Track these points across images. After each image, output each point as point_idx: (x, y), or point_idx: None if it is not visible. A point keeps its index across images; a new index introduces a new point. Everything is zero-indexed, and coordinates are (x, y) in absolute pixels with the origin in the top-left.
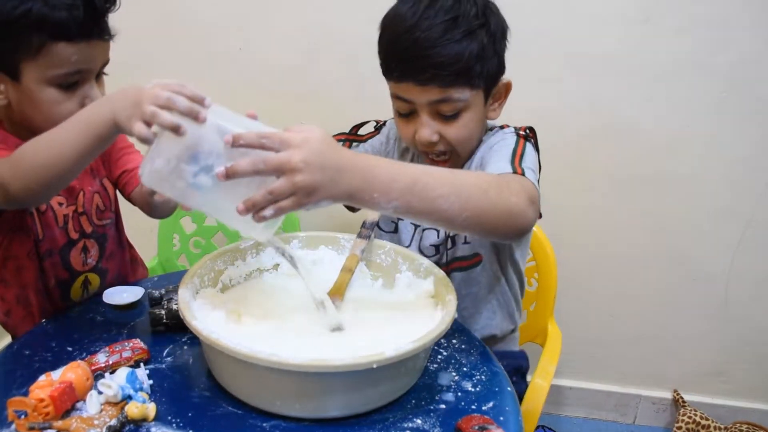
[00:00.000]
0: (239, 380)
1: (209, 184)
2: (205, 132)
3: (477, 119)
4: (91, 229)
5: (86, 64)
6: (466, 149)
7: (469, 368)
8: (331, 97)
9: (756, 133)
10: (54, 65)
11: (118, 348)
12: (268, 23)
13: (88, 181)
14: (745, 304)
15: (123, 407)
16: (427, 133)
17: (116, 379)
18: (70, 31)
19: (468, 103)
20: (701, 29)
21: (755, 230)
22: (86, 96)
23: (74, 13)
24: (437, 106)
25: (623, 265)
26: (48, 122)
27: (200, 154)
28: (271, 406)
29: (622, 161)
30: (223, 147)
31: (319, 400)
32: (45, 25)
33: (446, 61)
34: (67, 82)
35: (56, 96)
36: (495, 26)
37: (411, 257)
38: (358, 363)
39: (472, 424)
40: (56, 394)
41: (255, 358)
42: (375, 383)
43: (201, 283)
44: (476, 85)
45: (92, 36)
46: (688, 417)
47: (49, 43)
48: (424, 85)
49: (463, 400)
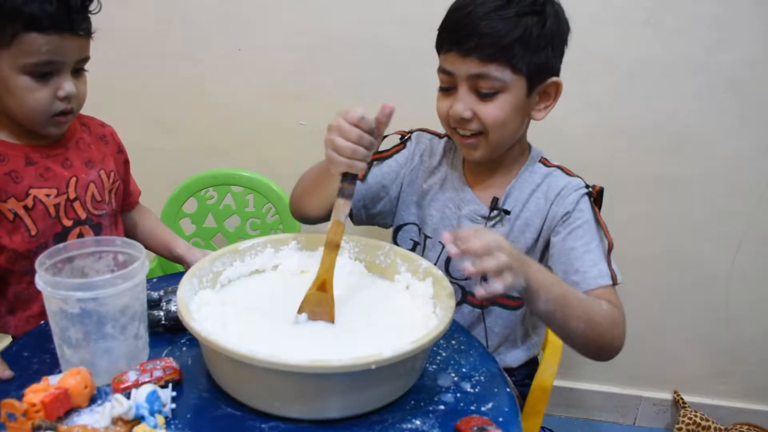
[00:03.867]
0: (238, 381)
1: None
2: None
3: (515, 106)
4: (85, 216)
5: (58, 56)
6: (498, 135)
7: (468, 369)
8: (330, 98)
9: (756, 134)
10: (26, 54)
11: (150, 366)
12: (268, 24)
13: (81, 169)
14: (745, 305)
15: (133, 426)
16: (461, 107)
17: (137, 395)
18: (41, 23)
19: (507, 85)
20: (701, 29)
21: (756, 231)
22: (59, 87)
23: (45, 6)
24: (476, 81)
25: (623, 265)
26: (21, 109)
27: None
28: (270, 408)
29: (622, 161)
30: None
31: (317, 401)
32: (19, 15)
33: (490, 33)
34: (39, 71)
35: (28, 84)
36: (551, 22)
37: (410, 258)
38: (356, 364)
39: (471, 425)
40: (48, 400)
41: (253, 359)
42: (374, 384)
43: (200, 284)
44: (518, 68)
45: (64, 29)
46: (688, 418)
47: (21, 32)
48: (466, 55)
49: (462, 401)
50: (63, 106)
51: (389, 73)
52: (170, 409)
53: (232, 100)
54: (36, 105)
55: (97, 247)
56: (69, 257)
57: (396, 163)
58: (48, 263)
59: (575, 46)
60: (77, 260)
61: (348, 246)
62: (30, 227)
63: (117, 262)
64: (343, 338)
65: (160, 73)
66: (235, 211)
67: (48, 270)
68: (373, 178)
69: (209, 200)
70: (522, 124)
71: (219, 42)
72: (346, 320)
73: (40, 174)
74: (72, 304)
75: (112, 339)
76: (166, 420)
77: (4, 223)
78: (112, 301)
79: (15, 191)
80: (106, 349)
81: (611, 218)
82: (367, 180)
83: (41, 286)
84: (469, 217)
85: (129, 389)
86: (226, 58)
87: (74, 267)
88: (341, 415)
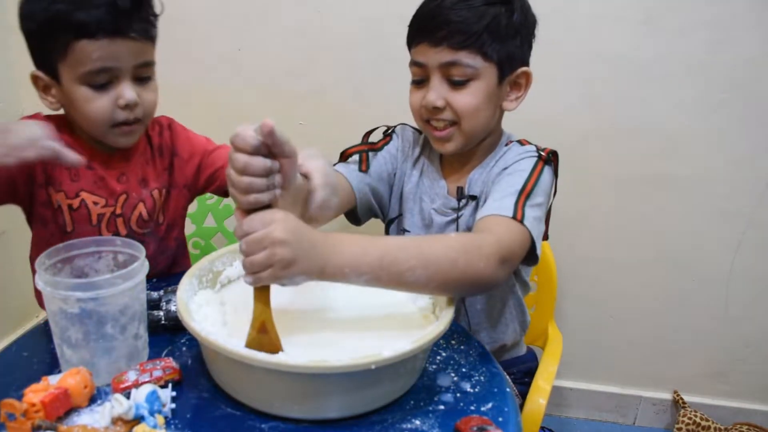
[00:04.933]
0: (238, 382)
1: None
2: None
3: (487, 93)
4: (126, 232)
5: (111, 62)
6: (471, 124)
7: (468, 369)
8: (330, 98)
9: (756, 133)
10: (80, 63)
11: (149, 366)
12: (268, 24)
13: (135, 187)
14: (745, 305)
15: (133, 426)
16: (434, 96)
17: (137, 395)
18: (89, 29)
19: (478, 72)
20: (701, 29)
21: (756, 231)
22: (119, 95)
23: (93, 12)
24: (448, 69)
25: (623, 266)
26: (85, 121)
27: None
28: (270, 408)
29: (621, 162)
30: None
31: (317, 401)
32: (69, 24)
33: (459, 21)
34: (96, 80)
35: (87, 94)
36: (518, 14)
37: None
38: (356, 364)
39: (471, 425)
40: (47, 400)
41: (252, 360)
42: (374, 384)
43: (199, 284)
44: (488, 55)
45: (115, 34)
46: (688, 418)
47: (72, 41)
48: (438, 44)
49: (461, 401)
50: (125, 116)
51: (389, 73)
52: (170, 409)
53: (232, 100)
54: (96, 115)
55: (97, 247)
56: (69, 257)
57: (388, 153)
58: (48, 263)
59: (576, 46)
60: (77, 260)
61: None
62: (67, 223)
63: (117, 262)
64: (342, 339)
65: (160, 73)
66: None
67: (48, 270)
68: (374, 168)
69: (209, 200)
70: (494, 113)
71: (219, 42)
72: (345, 321)
73: (95, 182)
74: (72, 304)
75: (112, 339)
76: (165, 420)
77: (45, 211)
78: (112, 301)
79: (68, 188)
80: (106, 349)
81: (611, 219)
82: (370, 171)
83: (41, 286)
84: (439, 211)
85: (129, 389)
86: (226, 58)
87: (74, 267)
88: (341, 415)
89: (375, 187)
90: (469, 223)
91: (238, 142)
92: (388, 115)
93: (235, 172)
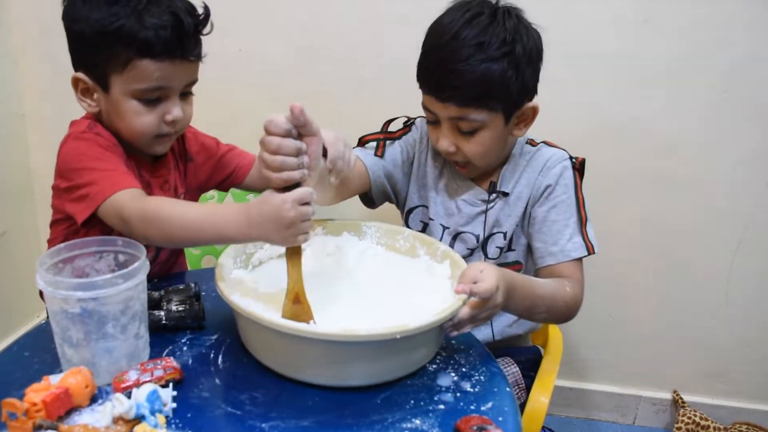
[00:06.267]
0: (270, 350)
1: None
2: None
3: (495, 137)
4: None
5: (167, 82)
6: (482, 162)
7: (468, 369)
8: (330, 98)
9: (756, 133)
10: (137, 80)
11: (150, 366)
12: (268, 24)
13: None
14: (745, 305)
15: (134, 425)
16: (446, 144)
17: (138, 395)
18: (154, 50)
19: (485, 124)
20: (701, 29)
21: (755, 230)
22: (167, 112)
23: (161, 33)
24: (456, 122)
25: (623, 265)
26: (129, 131)
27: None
28: (303, 375)
29: (621, 161)
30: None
31: (345, 367)
32: (133, 41)
33: (464, 84)
34: (148, 97)
35: (138, 108)
36: (522, 53)
37: (428, 242)
38: (384, 333)
39: (471, 425)
40: (48, 399)
41: (287, 328)
42: (396, 353)
43: (234, 264)
44: (494, 108)
45: (176, 56)
46: (687, 418)
47: (135, 58)
48: (444, 102)
49: (462, 400)
50: (168, 129)
51: (389, 73)
52: (171, 409)
53: (232, 100)
54: (143, 128)
55: (99, 247)
56: (70, 257)
57: (405, 143)
58: (49, 263)
59: (576, 46)
60: (78, 260)
61: (370, 231)
62: (114, 229)
63: (118, 261)
64: (368, 313)
65: None
66: None
67: (49, 269)
68: (389, 155)
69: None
70: (504, 145)
71: (219, 42)
72: (371, 298)
73: (143, 188)
74: (73, 304)
75: (113, 339)
76: (166, 419)
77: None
78: (112, 301)
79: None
80: (107, 349)
81: (611, 218)
82: (385, 157)
83: (42, 286)
84: (469, 201)
85: (130, 389)
86: (226, 59)
87: (75, 267)
88: (365, 383)
89: (390, 172)
90: (498, 216)
91: (271, 127)
92: (389, 114)
93: (268, 153)
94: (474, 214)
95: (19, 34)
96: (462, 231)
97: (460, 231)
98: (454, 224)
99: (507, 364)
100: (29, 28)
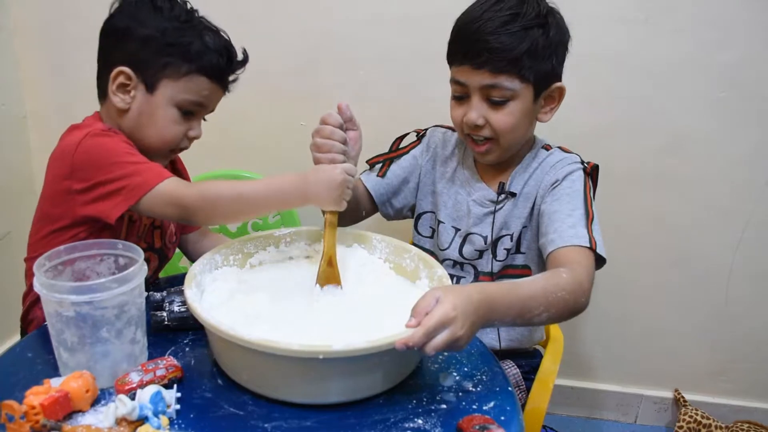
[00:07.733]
0: (226, 357)
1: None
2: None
3: (524, 112)
4: (160, 245)
5: (207, 101)
6: (508, 139)
7: (470, 368)
8: (331, 99)
9: (756, 133)
10: (189, 91)
11: (152, 366)
12: (269, 26)
13: None
14: (745, 303)
15: (137, 427)
16: (475, 115)
17: (141, 396)
18: (212, 71)
19: (516, 93)
20: (701, 29)
21: (755, 229)
22: (192, 128)
23: (219, 60)
24: (488, 90)
25: (624, 264)
26: (157, 136)
27: None
28: (273, 392)
29: (621, 161)
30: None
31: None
32: (199, 60)
33: (500, 48)
34: (188, 109)
35: (175, 117)
36: (554, 32)
37: (430, 264)
38: (307, 350)
39: (473, 424)
40: (47, 403)
41: (253, 343)
42: (342, 375)
43: (224, 260)
44: (526, 77)
45: (222, 81)
46: (689, 416)
47: (195, 73)
48: (479, 68)
49: (464, 400)
50: (185, 145)
51: (389, 73)
52: (174, 410)
53: (232, 100)
54: (171, 137)
55: (99, 250)
56: (70, 259)
57: (413, 157)
58: (48, 265)
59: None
60: (78, 262)
61: (380, 246)
62: (121, 232)
63: (118, 265)
64: (342, 327)
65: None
66: None
67: (48, 272)
68: (392, 173)
69: None
70: (530, 126)
71: None
72: (346, 314)
73: None
74: (67, 307)
75: (108, 343)
76: (169, 420)
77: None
78: (107, 305)
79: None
80: (103, 353)
81: (611, 218)
82: (387, 176)
83: (38, 288)
84: (479, 202)
85: (134, 390)
86: None
87: (75, 269)
88: (341, 400)
89: (396, 187)
90: (506, 218)
91: (329, 119)
92: (390, 115)
93: (321, 138)
94: (482, 215)
95: (21, 37)
96: (471, 232)
97: (470, 232)
98: (464, 226)
99: (508, 366)
100: (31, 31)
